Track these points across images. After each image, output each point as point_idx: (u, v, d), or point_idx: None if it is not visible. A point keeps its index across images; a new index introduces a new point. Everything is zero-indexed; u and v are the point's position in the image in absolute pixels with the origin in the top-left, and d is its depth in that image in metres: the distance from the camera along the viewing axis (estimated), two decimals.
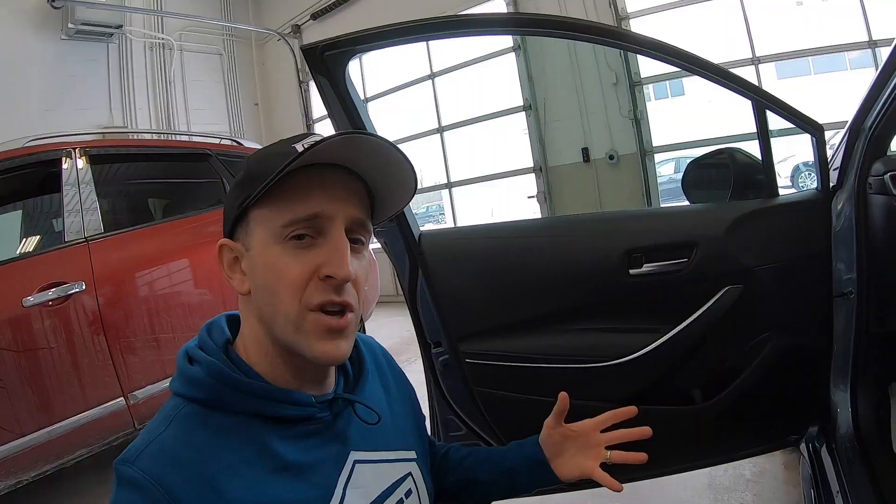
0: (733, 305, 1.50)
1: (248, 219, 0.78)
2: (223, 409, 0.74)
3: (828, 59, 6.69)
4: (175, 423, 0.72)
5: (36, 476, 2.71)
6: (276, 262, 0.75)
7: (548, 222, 2.20)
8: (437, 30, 1.42)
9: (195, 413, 0.73)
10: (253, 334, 0.80)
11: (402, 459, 0.92)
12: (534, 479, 1.09)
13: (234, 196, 0.80)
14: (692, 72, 1.43)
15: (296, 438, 0.77)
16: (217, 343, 0.80)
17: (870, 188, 1.41)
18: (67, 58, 7.21)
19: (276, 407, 0.76)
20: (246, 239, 0.78)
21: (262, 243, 0.76)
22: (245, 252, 0.78)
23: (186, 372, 0.76)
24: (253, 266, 0.77)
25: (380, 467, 0.87)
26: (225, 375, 0.75)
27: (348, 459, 0.82)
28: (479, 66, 7.42)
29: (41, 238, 3.17)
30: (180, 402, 0.75)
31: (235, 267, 0.80)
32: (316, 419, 0.80)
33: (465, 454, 1.14)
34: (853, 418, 1.46)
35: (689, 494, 2.24)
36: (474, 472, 1.11)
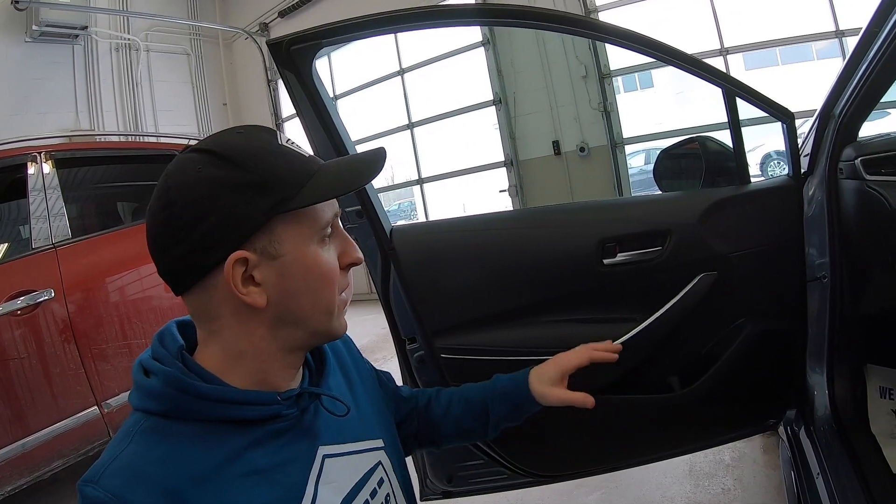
0: (708, 292, 1.51)
1: (273, 226, 0.74)
2: (185, 419, 0.72)
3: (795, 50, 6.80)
4: (136, 439, 0.70)
5: (12, 490, 2.66)
6: (318, 261, 0.78)
7: (520, 214, 2.19)
8: (405, 21, 1.40)
9: (156, 426, 0.71)
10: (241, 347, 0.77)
11: (370, 449, 0.92)
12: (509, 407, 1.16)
13: (246, 203, 0.72)
14: (663, 61, 1.43)
15: (263, 440, 0.76)
16: (171, 351, 0.77)
17: (841, 173, 1.43)
18: (32, 60, 7.05)
19: (239, 409, 0.74)
20: (271, 246, 0.74)
21: (300, 246, 0.76)
22: (269, 260, 0.75)
23: (143, 385, 0.74)
24: (286, 272, 0.76)
25: (349, 459, 0.87)
26: (182, 383, 0.72)
27: (317, 455, 0.81)
28: (448, 61, 7.43)
29: (8, 245, 3.10)
30: (140, 417, 0.73)
31: (247, 283, 0.74)
32: (282, 416, 0.78)
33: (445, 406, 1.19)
34: (830, 400, 1.48)
35: (670, 481, 2.26)
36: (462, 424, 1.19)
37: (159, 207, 0.74)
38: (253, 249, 0.73)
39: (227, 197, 0.72)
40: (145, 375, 0.75)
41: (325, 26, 1.35)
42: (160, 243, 0.74)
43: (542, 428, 1.61)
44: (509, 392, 1.15)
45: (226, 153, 0.74)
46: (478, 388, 1.20)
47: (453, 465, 1.70)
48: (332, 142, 1.45)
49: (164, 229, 0.73)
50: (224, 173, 0.73)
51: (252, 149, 0.76)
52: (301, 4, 8.33)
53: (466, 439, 1.26)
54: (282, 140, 0.79)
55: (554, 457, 1.67)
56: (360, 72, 8.37)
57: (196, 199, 0.72)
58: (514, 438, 1.62)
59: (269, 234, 0.74)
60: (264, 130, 0.80)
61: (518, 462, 1.64)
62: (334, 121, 1.44)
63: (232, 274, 0.72)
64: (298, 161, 0.78)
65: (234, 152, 0.74)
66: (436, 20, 1.45)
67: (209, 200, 0.72)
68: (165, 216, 0.73)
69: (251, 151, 0.75)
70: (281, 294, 0.76)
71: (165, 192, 0.74)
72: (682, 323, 1.53)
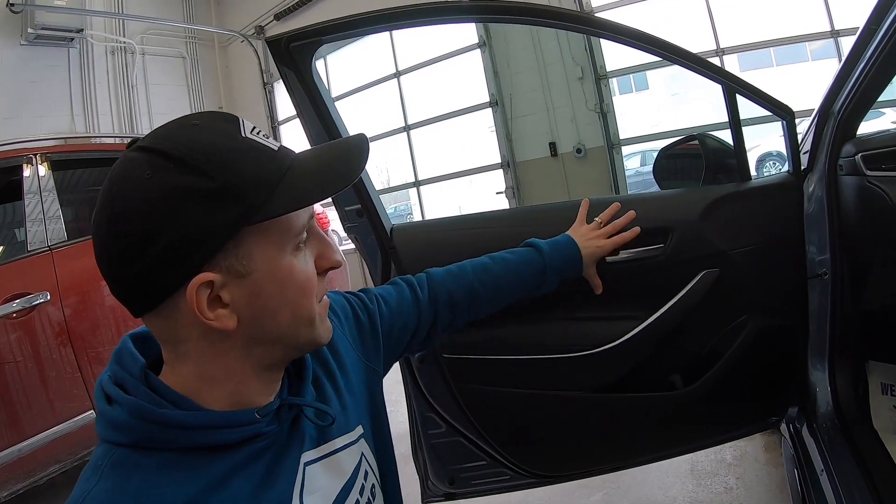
0: (710, 289, 1.50)
1: (239, 239, 0.65)
2: (157, 448, 0.65)
3: (790, 50, 6.82)
4: (106, 473, 0.63)
5: (8, 496, 2.65)
6: (292, 273, 0.70)
7: (521, 212, 2.18)
8: (404, 18, 1.39)
9: (126, 458, 0.64)
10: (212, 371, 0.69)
11: (352, 442, 0.86)
12: (560, 278, 1.34)
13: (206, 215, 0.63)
14: (664, 57, 1.42)
15: (244, 463, 0.69)
16: (133, 373, 0.69)
17: (840, 169, 1.43)
18: (27, 63, 7.05)
19: (215, 434, 0.67)
20: (238, 263, 0.66)
21: (271, 259, 0.68)
22: (238, 279, 0.66)
23: (107, 415, 0.66)
24: (258, 290, 0.68)
25: (332, 461, 0.80)
26: (150, 413, 0.64)
27: (300, 465, 0.75)
28: (445, 63, 7.42)
29: (3, 248, 3.09)
30: (108, 449, 0.65)
31: (214, 305, 0.66)
32: (262, 435, 0.71)
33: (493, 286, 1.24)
34: (832, 397, 1.47)
35: (672, 481, 2.26)
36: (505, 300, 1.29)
37: (104, 222, 0.64)
38: (218, 269, 0.65)
39: (184, 209, 0.62)
40: (108, 403, 0.68)
41: (326, 23, 1.35)
42: (108, 264, 0.65)
43: (545, 429, 1.61)
44: (567, 271, 1.35)
45: (179, 153, 0.63)
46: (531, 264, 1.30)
47: (455, 466, 1.68)
48: (331, 139, 1.44)
49: (112, 249, 0.64)
50: (178, 179, 0.62)
51: (210, 146, 0.65)
52: (297, 7, 8.32)
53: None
54: (245, 129, 0.69)
55: (556, 457, 1.66)
56: (357, 74, 8.36)
57: (146, 212, 0.62)
58: (517, 439, 1.61)
59: (235, 250, 0.65)
60: (224, 119, 0.70)
61: (520, 463, 1.63)
62: (334, 119, 1.43)
63: (196, 299, 0.63)
64: (266, 157, 0.68)
65: (188, 151, 0.63)
66: (434, 16, 1.44)
67: (162, 214, 0.62)
68: (112, 233, 0.63)
69: (209, 149, 0.64)
70: (254, 314, 0.68)
71: (109, 202, 0.63)
72: (684, 320, 1.53)
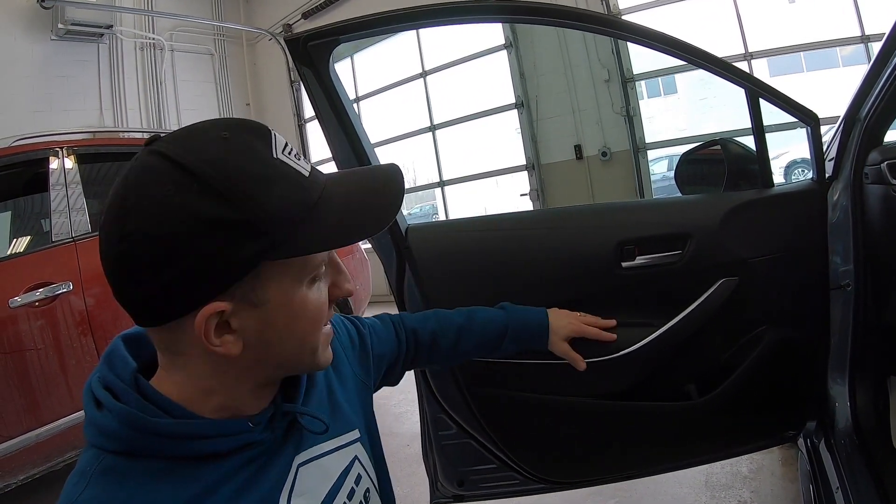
0: (728, 298, 1.47)
1: (258, 272, 0.64)
2: (147, 456, 0.64)
3: (820, 56, 6.71)
4: (94, 481, 0.61)
5: (25, 479, 2.70)
6: (305, 305, 0.69)
7: (537, 215, 2.17)
8: (423, 18, 1.38)
9: (115, 466, 0.63)
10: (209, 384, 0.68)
11: (346, 444, 0.85)
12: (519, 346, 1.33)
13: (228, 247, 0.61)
14: (684, 59, 1.40)
15: (236, 470, 0.68)
16: (124, 379, 0.67)
17: (866, 178, 1.39)
18: (57, 58, 7.16)
19: (208, 444, 0.66)
20: (253, 293, 0.64)
21: (287, 292, 0.67)
22: (250, 308, 0.65)
23: (97, 421, 0.65)
24: (268, 320, 0.66)
25: (323, 462, 0.80)
26: (141, 422, 0.63)
27: (292, 467, 0.75)
28: (471, 63, 7.41)
29: (28, 238, 3.15)
30: (96, 454, 0.64)
31: (221, 331, 0.64)
32: (255, 443, 0.71)
33: (453, 342, 1.25)
34: (852, 412, 1.44)
35: (686, 492, 2.23)
36: (467, 354, 1.31)
37: (116, 236, 0.60)
38: (231, 298, 0.63)
39: (203, 239, 0.59)
40: (97, 408, 0.66)
41: (342, 22, 1.35)
42: (115, 277, 0.63)
43: (556, 434, 1.59)
44: (528, 340, 1.33)
45: (207, 175, 0.60)
46: (494, 322, 1.30)
47: (465, 468, 1.68)
48: (348, 139, 1.44)
49: (121, 266, 0.61)
50: (201, 205, 0.59)
51: (238, 170, 0.61)
52: (325, 6, 8.36)
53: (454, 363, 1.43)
54: (276, 148, 0.66)
55: (566, 463, 1.64)
56: (383, 74, 8.39)
57: (163, 237, 0.59)
58: (528, 444, 1.60)
59: (251, 281, 0.64)
60: (255, 134, 0.66)
61: (531, 468, 1.61)
62: (351, 118, 1.43)
63: (204, 327, 0.62)
64: (296, 186, 0.65)
65: (217, 174, 0.60)
66: (454, 16, 1.42)
67: (179, 242, 0.59)
68: (122, 251, 0.60)
69: (237, 174, 0.61)
70: (260, 342, 0.67)
71: (123, 216, 0.60)
72: (700, 329, 1.50)
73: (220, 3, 9.23)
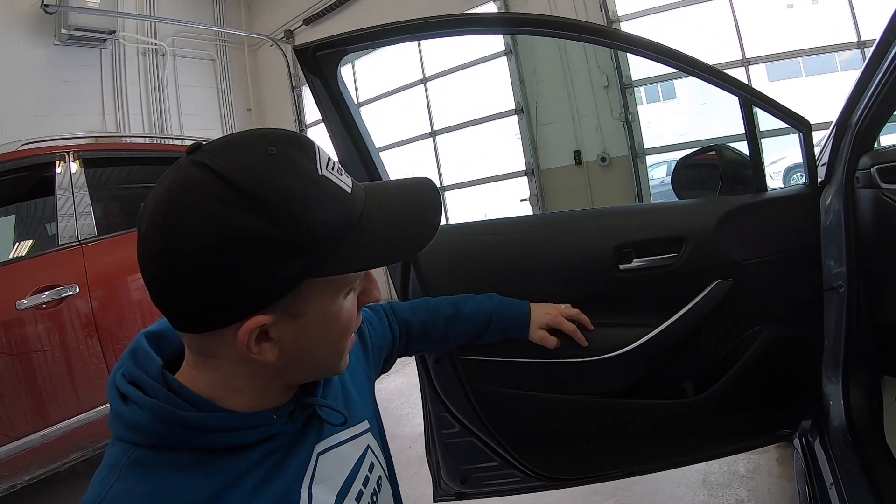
0: (723, 299, 1.51)
1: (301, 287, 0.65)
2: (174, 448, 0.65)
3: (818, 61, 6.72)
4: (125, 473, 0.63)
5: (30, 480, 2.71)
6: (340, 315, 0.71)
7: (537, 219, 2.21)
8: (429, 29, 1.42)
9: (145, 458, 0.64)
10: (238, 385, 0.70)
11: (358, 434, 0.88)
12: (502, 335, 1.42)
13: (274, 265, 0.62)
14: (678, 68, 1.43)
15: (260, 461, 0.70)
16: (151, 374, 0.68)
17: (857, 182, 1.43)
18: (60, 63, 7.18)
19: (235, 436, 0.68)
20: (294, 306, 0.66)
21: (325, 304, 0.69)
22: (289, 319, 0.66)
23: (124, 415, 0.66)
24: (305, 330, 0.68)
25: (340, 451, 0.82)
26: (172, 416, 0.65)
27: (313, 455, 0.77)
28: (471, 70, 7.42)
29: (35, 241, 3.18)
30: (125, 448, 0.65)
31: (260, 339, 0.66)
32: (278, 434, 0.73)
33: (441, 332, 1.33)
34: (846, 411, 1.46)
35: (684, 491, 2.25)
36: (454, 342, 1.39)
37: (159, 249, 0.61)
38: (273, 311, 0.64)
39: (250, 256, 0.60)
40: (123, 402, 0.68)
41: (351, 33, 1.38)
42: (157, 288, 0.64)
43: (557, 432, 1.62)
44: (513, 326, 1.41)
45: (255, 192, 0.60)
46: (478, 315, 1.37)
47: (467, 466, 1.70)
48: (356, 147, 1.47)
49: (164, 279, 0.63)
50: (248, 223, 0.60)
51: (286, 188, 0.62)
52: (326, 12, 8.40)
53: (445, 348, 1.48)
54: (321, 164, 0.66)
55: (566, 461, 1.67)
56: (384, 80, 8.39)
57: (209, 254, 0.60)
58: (529, 441, 1.63)
59: (292, 296, 0.65)
60: (301, 148, 0.66)
61: (532, 465, 1.64)
62: (359, 126, 1.46)
63: (247, 338, 0.64)
64: (339, 205, 0.66)
65: (265, 192, 0.60)
66: (459, 28, 1.46)
67: (225, 260, 0.60)
68: (166, 264, 0.61)
69: (286, 193, 0.61)
70: (295, 350, 0.69)
71: (167, 232, 0.60)
72: (696, 329, 1.53)
73: (222, 9, 9.26)
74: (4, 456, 2.54)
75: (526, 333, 1.42)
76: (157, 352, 0.72)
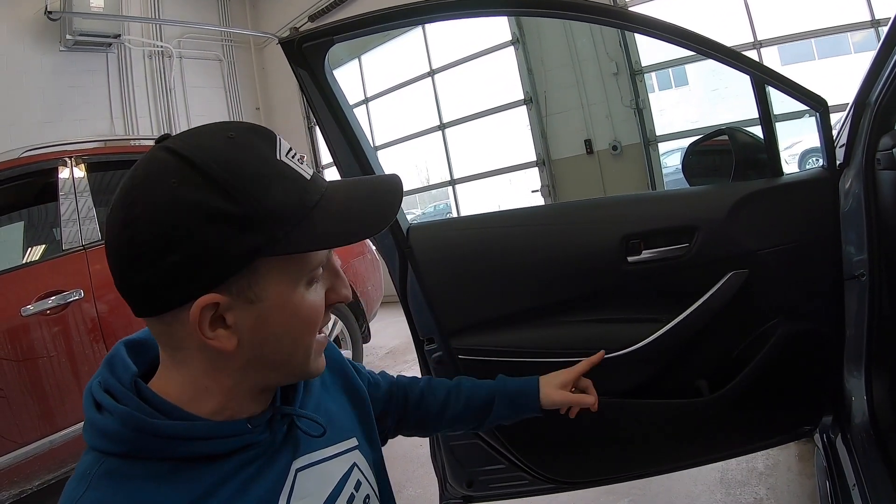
0: (738, 291, 1.44)
1: (255, 266, 0.65)
2: (147, 458, 0.65)
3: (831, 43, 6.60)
4: (95, 483, 0.62)
5: (39, 486, 2.73)
6: (302, 306, 0.70)
7: (540, 210, 2.14)
8: (419, 14, 1.35)
9: (116, 468, 0.63)
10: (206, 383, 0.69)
11: (344, 451, 0.87)
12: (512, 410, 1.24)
13: (225, 239, 0.62)
14: (688, 48, 1.36)
15: (234, 472, 0.69)
16: (124, 382, 0.68)
17: (878, 164, 1.35)
18: (67, 69, 7.21)
19: (206, 445, 0.67)
20: (249, 290, 0.66)
21: (284, 290, 0.68)
22: (246, 304, 0.66)
23: (96, 423, 0.66)
24: (264, 318, 0.67)
25: (322, 468, 0.81)
26: (141, 423, 0.64)
27: (290, 471, 0.76)
28: (478, 61, 7.37)
29: (39, 247, 3.18)
30: (97, 458, 0.64)
31: (216, 324, 0.66)
32: (253, 444, 0.72)
33: (442, 402, 1.21)
34: (868, 406, 1.40)
35: (701, 489, 2.19)
36: (457, 419, 1.23)
37: (119, 223, 0.63)
38: (227, 292, 0.64)
39: (203, 230, 0.61)
40: (97, 410, 0.67)
41: (336, 23, 1.34)
42: (118, 264, 0.65)
43: (566, 433, 1.57)
44: (518, 399, 1.24)
45: (209, 170, 0.62)
46: (481, 388, 1.24)
47: (474, 469, 1.66)
48: (346, 139, 1.42)
49: (122, 252, 0.63)
50: (203, 197, 0.62)
51: (242, 168, 0.64)
52: (331, 8, 8.36)
53: (455, 430, 1.33)
54: (281, 151, 0.68)
55: (575, 463, 1.62)
56: (391, 74, 8.37)
57: (165, 224, 0.61)
58: (536, 444, 1.58)
59: (248, 277, 0.65)
60: (260, 135, 0.69)
61: (539, 468, 1.59)
62: (349, 120, 1.42)
63: (199, 318, 0.63)
64: (296, 187, 0.68)
65: (219, 170, 0.63)
66: (450, 11, 1.39)
67: (179, 230, 0.61)
68: (126, 237, 0.62)
69: (240, 171, 0.64)
70: (255, 339, 0.68)
71: (129, 206, 0.63)
72: (710, 324, 1.47)
73: (227, 9, 9.26)
74: (13, 462, 2.56)
75: (536, 398, 1.23)
76: (135, 360, 0.72)
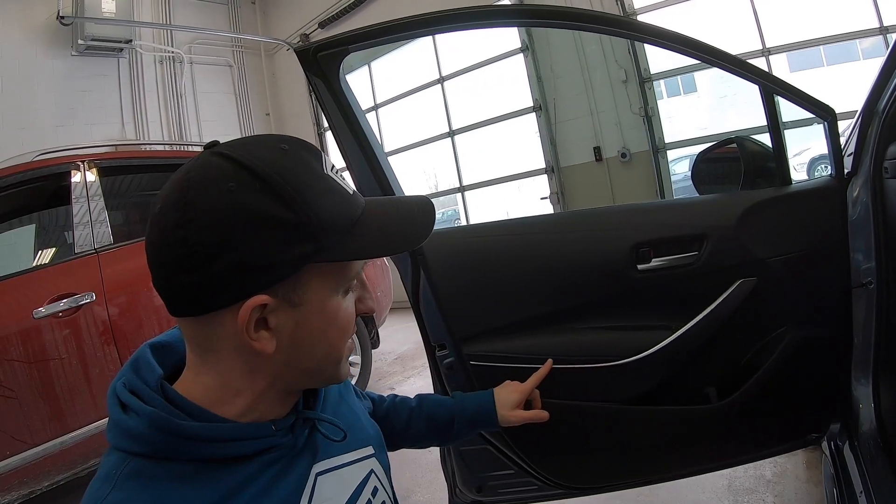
0: (747, 299, 1.45)
1: (301, 272, 0.67)
2: (171, 459, 0.65)
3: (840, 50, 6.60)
4: (120, 483, 0.62)
5: (49, 486, 2.75)
6: (339, 312, 0.73)
7: (551, 218, 2.15)
8: (433, 24, 1.37)
9: (141, 469, 0.64)
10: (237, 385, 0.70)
11: (361, 458, 0.88)
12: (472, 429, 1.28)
13: (280, 245, 0.64)
14: (697, 58, 1.38)
15: (257, 474, 0.70)
16: (150, 384, 0.69)
17: (886, 172, 1.36)
18: (78, 73, 7.27)
19: (232, 447, 0.68)
20: (294, 294, 0.67)
21: (324, 297, 0.70)
22: (289, 307, 0.68)
23: (122, 423, 0.66)
24: (304, 322, 0.69)
25: (342, 473, 0.82)
26: (168, 424, 0.64)
27: (311, 475, 0.76)
28: (488, 68, 7.39)
29: (51, 250, 3.20)
30: (122, 458, 0.65)
31: (259, 326, 0.67)
32: (276, 447, 0.73)
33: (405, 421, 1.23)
34: (876, 414, 1.40)
35: (708, 497, 2.19)
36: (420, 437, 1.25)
37: (172, 224, 0.63)
38: (274, 294, 0.66)
39: (260, 234, 0.63)
40: (122, 410, 0.68)
41: (351, 32, 1.35)
42: (163, 263, 0.65)
43: (575, 440, 1.58)
44: (477, 417, 1.26)
45: (267, 177, 0.64)
46: (442, 407, 1.27)
47: (483, 474, 1.67)
48: (361, 148, 1.44)
49: (172, 252, 0.63)
50: (261, 203, 0.63)
51: (297, 178, 0.66)
52: (341, 15, 8.40)
53: (417, 448, 1.33)
54: (326, 167, 0.71)
55: (586, 469, 1.62)
56: (401, 81, 8.40)
57: (222, 227, 0.62)
58: (546, 450, 1.58)
59: (294, 281, 0.67)
60: (309, 151, 0.71)
61: (549, 474, 1.60)
62: (363, 127, 1.43)
63: (247, 319, 0.64)
64: (342, 201, 0.70)
65: (276, 178, 0.64)
66: (463, 22, 1.41)
67: (237, 233, 0.62)
68: (178, 237, 0.62)
69: (295, 181, 0.65)
70: (293, 343, 0.69)
71: (183, 206, 0.63)
72: (719, 331, 1.48)
73: (238, 15, 9.33)
74: (24, 462, 2.57)
75: (494, 416, 1.26)
76: (160, 362, 0.73)
